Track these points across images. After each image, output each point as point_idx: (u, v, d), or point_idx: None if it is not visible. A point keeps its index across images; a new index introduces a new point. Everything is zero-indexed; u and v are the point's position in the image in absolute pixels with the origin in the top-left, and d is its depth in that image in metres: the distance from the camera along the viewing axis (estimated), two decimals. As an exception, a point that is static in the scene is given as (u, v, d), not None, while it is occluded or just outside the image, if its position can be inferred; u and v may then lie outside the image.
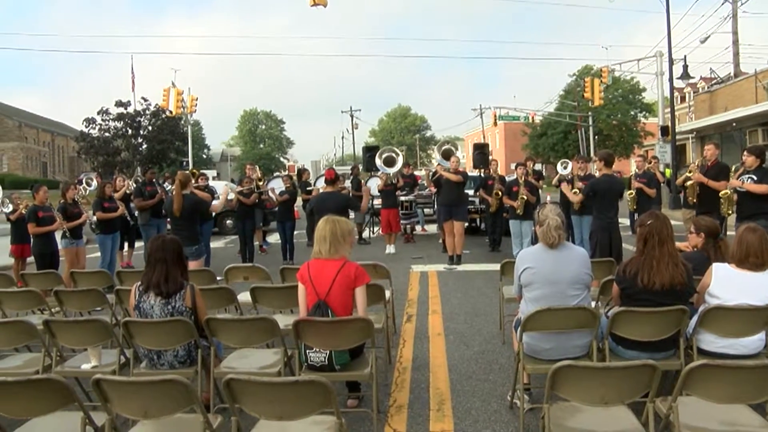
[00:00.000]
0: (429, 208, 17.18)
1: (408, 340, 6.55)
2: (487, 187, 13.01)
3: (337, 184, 8.40)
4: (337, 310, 4.31)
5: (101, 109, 52.42)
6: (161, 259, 4.41)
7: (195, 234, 7.89)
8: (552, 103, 51.65)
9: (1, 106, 66.62)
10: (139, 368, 4.49)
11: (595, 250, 7.66)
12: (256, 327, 4.42)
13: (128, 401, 3.21)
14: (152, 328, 4.31)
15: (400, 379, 5.36)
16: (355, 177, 15.84)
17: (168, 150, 53.76)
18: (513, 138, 62.16)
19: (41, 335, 4.66)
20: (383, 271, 6.39)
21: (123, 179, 12.76)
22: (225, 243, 16.39)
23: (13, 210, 10.53)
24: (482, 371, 5.52)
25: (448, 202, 11.35)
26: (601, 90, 31.54)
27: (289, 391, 3.07)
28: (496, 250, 12.93)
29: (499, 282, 6.65)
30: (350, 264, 4.46)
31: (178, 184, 7.76)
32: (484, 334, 6.71)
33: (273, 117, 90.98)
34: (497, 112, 46.46)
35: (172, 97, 32.29)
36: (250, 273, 6.75)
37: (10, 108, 69.33)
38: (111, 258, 10.54)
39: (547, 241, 4.37)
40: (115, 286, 6.55)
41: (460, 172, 11.56)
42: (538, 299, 4.32)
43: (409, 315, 7.69)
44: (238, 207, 12.03)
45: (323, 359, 4.17)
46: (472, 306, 8.07)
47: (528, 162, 12.74)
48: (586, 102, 37.34)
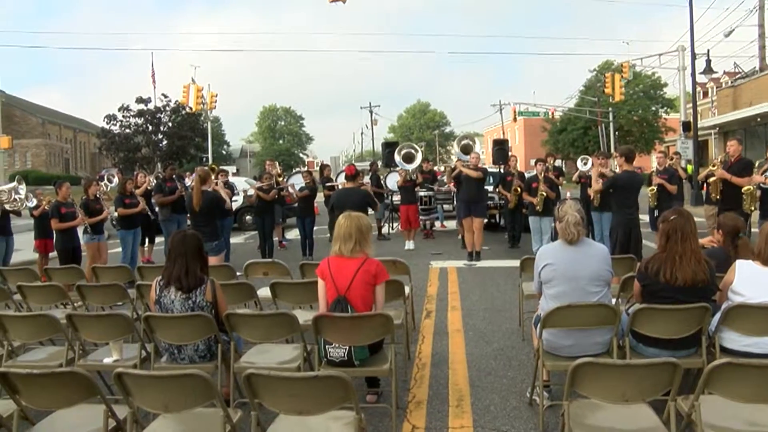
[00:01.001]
0: (448, 204, 17.13)
1: (427, 336, 6.54)
2: (507, 183, 12.93)
3: (358, 180, 8.41)
4: (357, 305, 4.31)
5: (122, 106, 52.51)
6: (181, 253, 4.44)
7: (215, 230, 7.92)
8: (572, 98, 51.35)
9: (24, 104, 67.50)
10: (159, 362, 4.53)
11: (615, 246, 7.59)
12: (275, 322, 4.44)
13: (149, 395, 3.24)
14: (173, 323, 4.34)
15: (419, 375, 5.35)
16: (374, 173, 15.83)
17: (188, 146, 53.96)
18: (533, 134, 61.76)
19: (64, 329, 4.71)
20: (403, 267, 6.38)
21: (144, 175, 12.87)
22: (244, 239, 16.47)
23: (37, 205, 10.65)
24: (501, 368, 5.49)
25: (467, 199, 11.31)
26: (622, 85, 31.20)
27: (308, 386, 3.07)
28: (515, 246, 12.86)
29: (519, 278, 6.61)
30: (371, 261, 4.45)
31: (197, 179, 7.80)
32: (503, 331, 6.68)
33: (292, 113, 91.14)
34: (517, 107, 46.14)
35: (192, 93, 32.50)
36: (269, 268, 6.78)
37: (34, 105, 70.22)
38: (132, 253, 10.66)
39: (566, 238, 4.34)
40: (136, 281, 6.61)
41: (480, 169, 11.50)
42: (558, 296, 4.29)
43: (428, 311, 7.68)
44: (258, 203, 12.07)
45: (343, 355, 4.17)
46: (491, 302, 8.04)
47: (548, 158, 12.65)
48: (606, 98, 37.02)
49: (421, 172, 14.61)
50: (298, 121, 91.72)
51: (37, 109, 68.82)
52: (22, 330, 4.82)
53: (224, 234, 9.60)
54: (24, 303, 6.39)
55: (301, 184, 13.11)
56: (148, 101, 52.46)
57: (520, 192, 12.18)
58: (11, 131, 47.43)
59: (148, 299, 5.68)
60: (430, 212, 15.40)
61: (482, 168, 11.78)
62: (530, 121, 59.89)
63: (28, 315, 5.20)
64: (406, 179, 13.72)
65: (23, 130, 61.95)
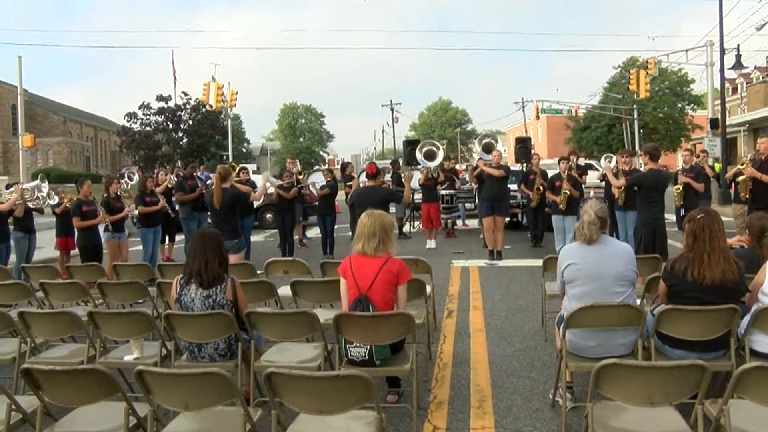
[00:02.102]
0: (470, 202, 17.09)
1: (449, 336, 6.53)
2: (529, 181, 12.86)
3: (379, 178, 8.39)
4: (379, 305, 4.31)
5: (142, 104, 52.85)
6: (201, 249, 4.47)
7: (235, 228, 7.95)
8: (596, 95, 50.92)
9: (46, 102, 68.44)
10: (180, 361, 4.57)
11: (639, 246, 7.52)
12: (296, 321, 4.46)
13: (169, 393, 3.26)
14: (193, 321, 4.37)
15: (441, 375, 5.34)
16: (395, 171, 15.82)
17: (208, 144, 54.30)
18: (555, 132, 61.38)
19: (86, 326, 4.77)
20: (424, 266, 6.38)
21: (165, 173, 12.96)
22: (265, 237, 16.56)
23: (59, 203, 10.78)
24: (524, 368, 5.46)
25: (490, 197, 11.27)
26: (647, 82, 30.73)
27: (329, 385, 3.08)
28: (538, 245, 12.80)
29: (542, 278, 6.57)
30: (394, 260, 4.45)
31: (218, 177, 7.83)
32: (525, 331, 6.64)
33: (313, 111, 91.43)
34: (539, 105, 45.78)
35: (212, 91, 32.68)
36: (290, 267, 6.81)
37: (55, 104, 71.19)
38: (152, 251, 10.74)
39: (581, 237, 4.32)
40: (157, 279, 6.67)
41: (502, 167, 11.46)
42: (581, 296, 4.26)
43: (449, 310, 7.66)
44: (278, 201, 12.11)
45: (363, 354, 4.17)
46: (513, 302, 8.01)
47: (572, 156, 12.55)
48: (631, 95, 36.61)
49: (442, 170, 14.57)
50: (319, 118, 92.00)
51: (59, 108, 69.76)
52: (44, 327, 4.89)
53: (245, 232, 9.64)
54: (46, 300, 6.47)
55: (321, 182, 13.14)
56: (168, 99, 52.86)
57: (543, 190, 12.12)
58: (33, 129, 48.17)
59: (168, 297, 5.74)
60: (451, 211, 15.37)
61: (504, 166, 11.73)
62: (553, 119, 59.47)
63: (51, 312, 5.29)
64: (428, 177, 13.68)
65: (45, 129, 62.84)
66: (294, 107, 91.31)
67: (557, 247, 10.76)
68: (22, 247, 10.02)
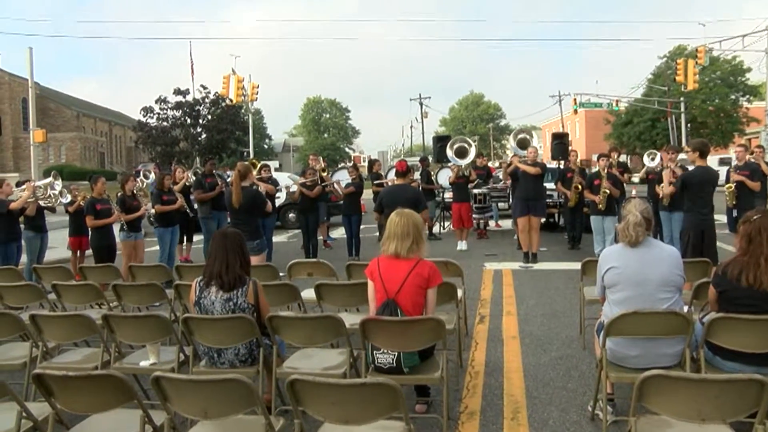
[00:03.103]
0: (504, 202, 17.00)
1: (481, 343, 6.51)
2: (566, 180, 12.76)
3: (408, 176, 8.39)
4: (407, 309, 4.30)
5: (159, 98, 53.41)
6: (222, 250, 4.51)
7: (256, 228, 7.97)
8: (639, 88, 50.21)
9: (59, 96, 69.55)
10: (198, 366, 4.60)
11: (686, 249, 7.41)
12: (320, 325, 4.47)
13: (188, 400, 3.29)
14: (213, 325, 4.41)
15: (472, 384, 5.32)
16: (424, 169, 15.80)
17: (228, 140, 54.67)
18: (595, 127, 60.72)
19: (100, 330, 4.81)
20: (455, 268, 6.36)
21: (183, 171, 13.09)
22: (288, 237, 16.65)
23: (72, 201, 10.92)
24: (561, 378, 5.42)
25: (524, 196, 11.22)
26: (697, 72, 30.14)
27: (355, 393, 3.08)
28: (575, 247, 12.70)
29: (580, 282, 6.51)
30: (424, 262, 4.44)
31: (237, 175, 7.86)
32: (562, 338, 6.59)
33: (338, 105, 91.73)
34: (578, 98, 45.40)
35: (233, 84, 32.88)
36: (314, 269, 6.83)
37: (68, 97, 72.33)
38: (170, 252, 10.84)
39: (624, 239, 4.27)
40: (174, 281, 6.73)
41: (538, 164, 11.40)
42: (622, 301, 4.21)
43: (482, 316, 7.64)
44: (301, 200, 12.17)
45: (391, 361, 4.17)
46: (549, 307, 7.96)
47: (612, 153, 12.43)
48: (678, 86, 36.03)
49: (474, 168, 14.51)
50: (344, 113, 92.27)
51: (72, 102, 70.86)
52: (57, 330, 4.94)
53: (266, 233, 9.69)
54: (58, 302, 6.55)
55: (346, 180, 13.17)
56: (186, 93, 53.32)
57: (581, 189, 12.02)
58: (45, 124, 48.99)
59: (186, 300, 5.80)
60: (484, 211, 15.30)
61: (540, 163, 11.66)
62: (592, 113, 58.90)
63: (64, 315, 5.34)
64: (459, 175, 13.64)
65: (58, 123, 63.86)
66: (318, 101, 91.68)
67: (596, 249, 10.68)
68: (34, 247, 10.13)
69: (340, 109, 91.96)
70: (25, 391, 4.70)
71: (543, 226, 12.71)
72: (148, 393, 4.58)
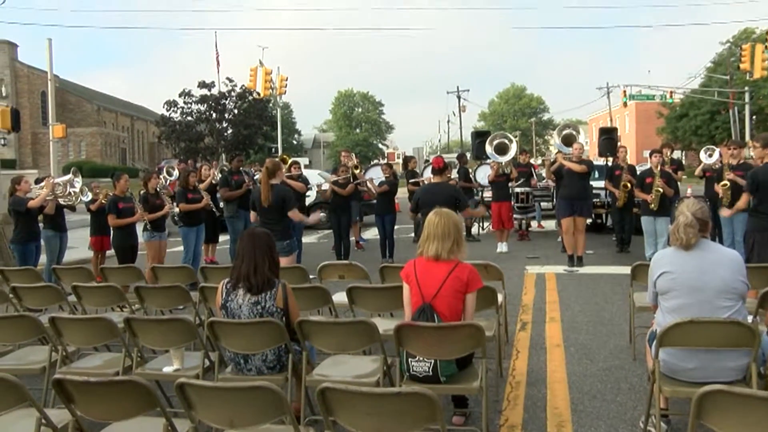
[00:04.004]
0: (547, 201, 16.89)
1: (522, 351, 6.48)
2: (615, 177, 12.62)
3: (446, 173, 8.37)
4: (444, 314, 4.29)
5: (183, 91, 53.62)
6: (250, 251, 4.54)
7: (285, 228, 8.00)
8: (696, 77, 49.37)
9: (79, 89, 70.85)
10: (224, 373, 4.64)
11: (751, 253, 7.26)
12: (352, 331, 4.48)
13: (213, 408, 3.31)
14: (240, 330, 4.44)
15: (513, 395, 5.30)
16: (462, 166, 15.75)
17: (255, 135, 54.97)
18: (646, 121, 60.01)
19: (122, 334, 4.87)
20: (495, 272, 6.33)
21: (209, 167, 13.20)
22: (318, 238, 16.74)
23: (93, 200, 11.05)
24: (609, 390, 5.36)
25: (569, 195, 11.13)
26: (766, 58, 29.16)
27: (389, 403, 3.08)
28: (624, 250, 12.56)
29: (629, 287, 6.44)
30: (463, 265, 4.43)
31: (265, 172, 7.90)
32: (610, 348, 6.52)
33: (370, 99, 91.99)
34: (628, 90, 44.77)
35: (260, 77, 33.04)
36: (346, 271, 6.85)
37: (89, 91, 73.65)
38: (194, 253, 10.91)
39: (675, 242, 4.20)
40: (199, 283, 6.79)
41: (584, 161, 11.30)
42: (677, 309, 4.14)
43: (523, 322, 7.60)
44: (333, 199, 12.21)
45: (427, 369, 4.16)
46: (596, 314, 7.89)
47: (664, 149, 12.25)
48: (742, 75, 35.17)
49: (515, 165, 14.44)
50: (377, 107, 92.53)
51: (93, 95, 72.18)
52: (77, 334, 5.01)
53: (296, 233, 9.74)
54: (79, 305, 6.63)
55: (380, 177, 13.20)
56: (211, 86, 53.57)
57: (631, 188, 11.88)
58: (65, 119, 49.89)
59: (212, 303, 5.85)
60: (526, 210, 15.22)
61: (587, 160, 11.55)
62: (643, 106, 58.22)
63: (84, 318, 5.42)
64: (499, 173, 13.58)
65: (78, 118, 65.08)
66: (350, 95, 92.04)
67: (647, 252, 10.54)
68: (53, 247, 10.24)
69: (373, 102, 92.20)
70: (44, 396, 4.78)
71: (589, 227, 12.59)
72: (172, 400, 4.64)
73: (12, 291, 6.55)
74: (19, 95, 62.11)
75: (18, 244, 9.73)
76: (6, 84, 60.45)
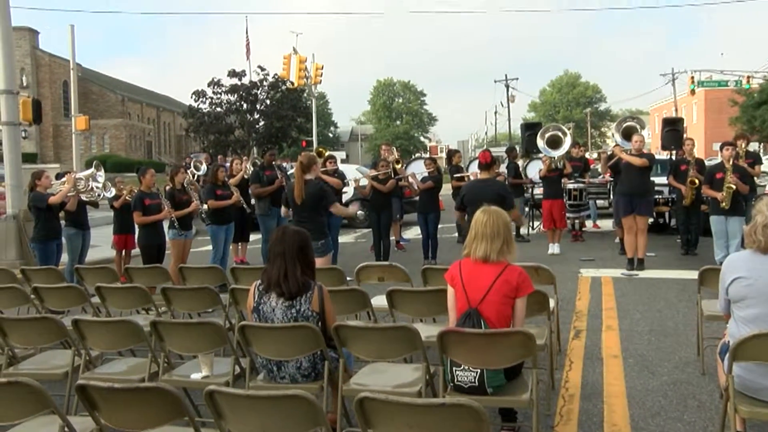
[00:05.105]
0: (603, 198, 16.71)
1: (576, 362, 6.44)
2: (680, 173, 12.45)
3: (493, 169, 8.35)
4: (492, 321, 4.29)
5: (212, 81, 54.10)
6: (280, 253, 4.57)
7: (321, 226, 8.04)
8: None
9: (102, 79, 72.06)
10: (256, 381, 4.69)
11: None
12: (392, 337, 4.49)
13: (244, 418, 3.35)
14: (272, 335, 4.48)
15: (566, 410, 5.27)
16: (511, 161, 15.68)
17: (289, 128, 55.25)
18: (717, 110, 58.90)
19: (148, 338, 4.94)
20: (546, 275, 6.30)
21: (240, 162, 13.32)
22: (355, 237, 16.80)
23: (117, 196, 11.21)
24: (674, 408, 5.28)
25: (628, 192, 11.00)
26: None
27: (433, 415, 3.08)
28: (691, 253, 12.40)
29: (697, 294, 6.34)
30: (513, 268, 4.42)
31: (299, 167, 7.95)
32: (675, 360, 6.44)
33: (412, 88, 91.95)
34: (696, 76, 43.99)
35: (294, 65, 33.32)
36: (386, 273, 6.88)
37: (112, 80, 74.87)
38: (224, 252, 11.04)
39: (752, 244, 4.13)
40: (230, 284, 6.86)
41: (645, 155, 11.16)
42: (753, 319, 4.08)
43: (577, 330, 7.56)
44: (372, 195, 12.22)
45: (473, 379, 4.16)
46: (658, 323, 7.80)
47: (738, 140, 12.03)
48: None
49: (569, 159, 14.33)
50: (419, 98, 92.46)
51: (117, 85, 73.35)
52: (101, 337, 5.09)
53: (332, 232, 9.78)
54: (103, 306, 6.74)
55: (422, 173, 13.18)
56: (242, 75, 54.05)
57: (699, 184, 11.69)
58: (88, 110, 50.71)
59: (243, 306, 5.91)
60: (580, 209, 15.10)
61: (647, 154, 11.41)
62: (714, 93, 57.16)
63: (108, 321, 5.52)
64: (551, 168, 13.49)
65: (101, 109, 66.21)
66: (390, 84, 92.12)
67: (718, 256, 10.37)
68: (75, 246, 10.41)
69: (414, 92, 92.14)
70: (67, 403, 4.88)
71: (651, 227, 12.43)
72: (200, 409, 4.70)
73: (34, 291, 6.69)
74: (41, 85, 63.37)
75: (38, 243, 9.91)
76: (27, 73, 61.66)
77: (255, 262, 12.01)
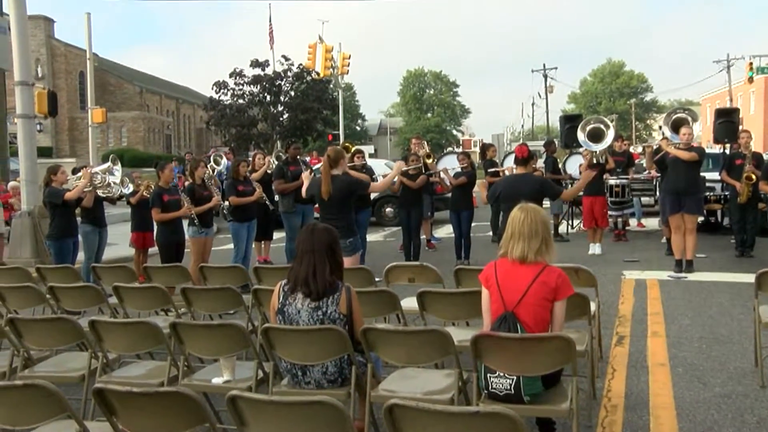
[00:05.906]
0: (648, 196, 16.58)
1: (619, 369, 6.40)
2: (735, 168, 12.31)
3: (530, 164, 8.32)
4: (529, 324, 4.28)
5: (234, 71, 53.91)
6: (308, 251, 4.59)
7: (349, 224, 8.05)
8: None
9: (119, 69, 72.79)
10: (279, 386, 4.72)
11: None
12: (423, 341, 4.50)
13: (267, 425, 3.37)
14: (298, 338, 4.51)
15: (609, 421, 5.23)
16: (549, 155, 15.61)
17: (314, 120, 55.12)
18: (777, 99, 57.96)
19: (167, 340, 5.00)
20: (587, 276, 6.27)
21: (263, 156, 13.38)
22: (384, 236, 16.83)
23: (134, 191, 11.27)
24: (729, 422, 5.21)
25: (675, 189, 10.89)
26: None
27: (466, 423, 3.08)
28: (746, 254, 12.22)
29: (754, 299, 6.28)
30: (551, 269, 4.41)
31: (327, 161, 7.98)
32: (729, 370, 6.36)
33: (444, 79, 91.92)
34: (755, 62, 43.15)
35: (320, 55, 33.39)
36: (416, 273, 6.88)
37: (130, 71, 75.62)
38: (246, 251, 11.07)
39: None
40: (252, 284, 6.90)
41: (694, 148, 11.04)
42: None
43: (620, 336, 7.51)
44: (402, 192, 12.22)
45: (509, 386, 4.15)
46: (710, 329, 7.72)
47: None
48: None
49: (612, 153, 14.23)
50: (451, 89, 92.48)
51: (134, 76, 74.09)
52: (118, 339, 5.16)
53: (360, 230, 9.79)
54: (120, 307, 6.82)
55: (455, 168, 13.16)
56: (265, 65, 53.98)
57: (756, 181, 11.56)
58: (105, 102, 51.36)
59: (266, 307, 5.94)
60: (622, 206, 15.02)
61: (697, 147, 11.29)
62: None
63: (126, 322, 5.58)
64: (592, 163, 13.41)
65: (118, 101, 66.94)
66: (420, 74, 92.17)
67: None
68: (92, 243, 10.53)
69: (446, 83, 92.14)
70: (83, 407, 4.93)
71: (701, 226, 12.31)
72: (221, 415, 4.73)
73: (49, 291, 6.79)
74: (56, 76, 64.21)
75: (54, 240, 10.02)
76: (42, 64, 62.50)
77: (279, 261, 12.06)
